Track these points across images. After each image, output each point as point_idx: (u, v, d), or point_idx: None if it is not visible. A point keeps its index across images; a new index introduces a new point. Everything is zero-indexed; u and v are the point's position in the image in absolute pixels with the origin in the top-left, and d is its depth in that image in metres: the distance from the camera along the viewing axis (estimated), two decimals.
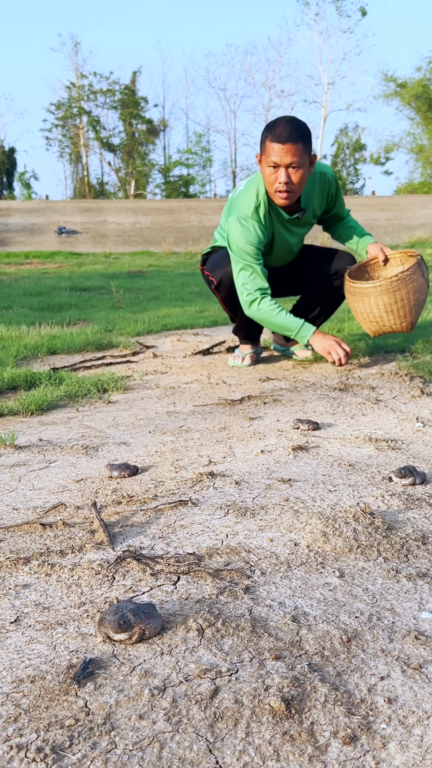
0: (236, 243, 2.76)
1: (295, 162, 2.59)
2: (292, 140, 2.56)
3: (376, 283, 2.69)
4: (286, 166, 2.60)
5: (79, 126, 42.45)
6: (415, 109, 38.99)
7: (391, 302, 2.70)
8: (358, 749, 0.73)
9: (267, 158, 2.63)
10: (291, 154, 2.57)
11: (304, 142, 2.59)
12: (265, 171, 2.66)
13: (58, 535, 1.29)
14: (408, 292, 2.70)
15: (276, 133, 2.58)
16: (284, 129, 2.57)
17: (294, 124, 2.60)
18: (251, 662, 0.87)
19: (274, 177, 2.64)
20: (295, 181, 2.63)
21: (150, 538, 1.26)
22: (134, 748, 0.73)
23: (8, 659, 0.89)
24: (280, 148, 2.58)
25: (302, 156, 2.60)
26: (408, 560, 1.15)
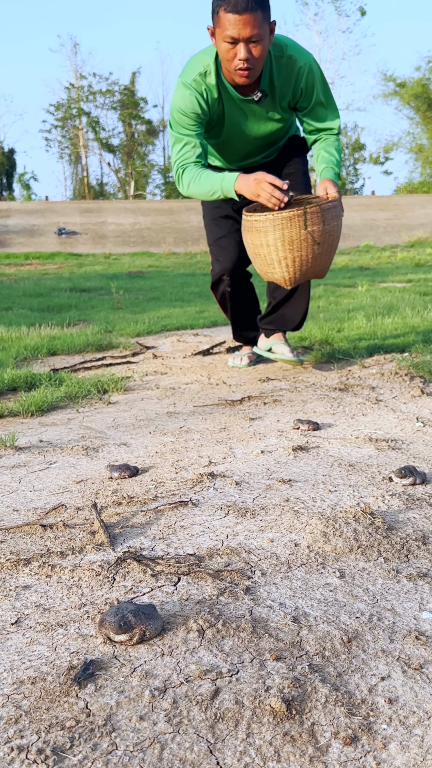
0: (174, 110, 2.46)
1: (256, 35, 2.23)
2: (250, 9, 2.19)
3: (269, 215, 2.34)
4: (246, 41, 2.24)
5: (79, 127, 42.46)
6: (414, 109, 39.00)
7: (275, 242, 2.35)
8: (359, 750, 0.73)
9: (222, 32, 2.25)
10: (251, 25, 2.21)
11: (262, 9, 2.23)
12: (221, 47, 2.29)
13: (58, 536, 1.29)
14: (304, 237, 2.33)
15: (231, 2, 2.19)
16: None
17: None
18: (252, 663, 0.87)
19: (232, 53, 2.27)
20: (256, 55, 2.28)
21: (150, 539, 1.26)
22: (135, 749, 0.73)
23: (9, 661, 0.89)
24: (237, 20, 2.20)
25: (262, 26, 2.24)
26: (408, 560, 1.15)
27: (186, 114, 2.43)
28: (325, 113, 2.60)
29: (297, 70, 2.45)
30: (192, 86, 2.41)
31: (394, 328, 3.78)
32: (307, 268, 2.43)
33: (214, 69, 2.41)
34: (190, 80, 2.42)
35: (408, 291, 6.64)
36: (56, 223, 21.51)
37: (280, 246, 2.36)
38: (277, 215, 2.33)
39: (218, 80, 2.43)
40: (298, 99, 2.53)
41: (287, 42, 2.47)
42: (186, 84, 2.43)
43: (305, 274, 2.45)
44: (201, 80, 2.42)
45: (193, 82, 2.41)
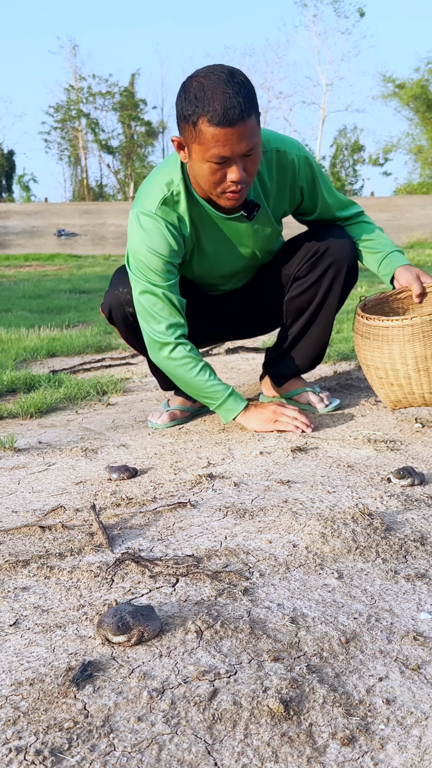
0: (135, 252, 1.83)
1: (254, 145, 1.64)
2: (244, 115, 1.58)
3: (406, 319, 1.79)
4: (241, 156, 1.64)
5: (78, 128, 42.50)
6: (413, 110, 39.04)
7: (427, 354, 1.79)
8: (357, 750, 0.73)
9: (204, 151, 1.63)
10: (247, 137, 1.61)
11: (255, 109, 1.62)
12: (202, 168, 1.67)
13: (57, 537, 1.29)
14: None
15: (217, 110, 1.56)
16: (229, 99, 1.56)
17: (236, 83, 1.58)
18: (250, 664, 0.87)
19: (220, 175, 1.67)
20: (251, 172, 1.70)
21: (149, 540, 1.26)
22: (133, 750, 0.73)
23: (7, 662, 0.89)
24: (229, 135, 1.58)
25: (257, 132, 1.65)
26: (406, 561, 1.15)
27: (156, 254, 1.80)
28: (341, 204, 2.02)
29: (291, 166, 1.87)
30: (158, 217, 1.79)
31: None
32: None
33: (183, 188, 1.80)
34: (153, 209, 1.79)
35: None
36: (56, 225, 21.52)
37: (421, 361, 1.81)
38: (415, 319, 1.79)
39: (189, 202, 1.83)
40: (299, 202, 1.96)
41: (264, 131, 1.84)
42: (149, 215, 1.80)
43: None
44: (168, 208, 1.81)
45: (159, 212, 1.79)
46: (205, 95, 1.57)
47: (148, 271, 1.81)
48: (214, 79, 1.58)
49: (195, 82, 1.59)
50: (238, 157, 1.64)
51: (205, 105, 1.57)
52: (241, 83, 1.58)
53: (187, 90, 1.61)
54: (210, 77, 1.58)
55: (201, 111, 1.58)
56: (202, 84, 1.58)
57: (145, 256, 1.81)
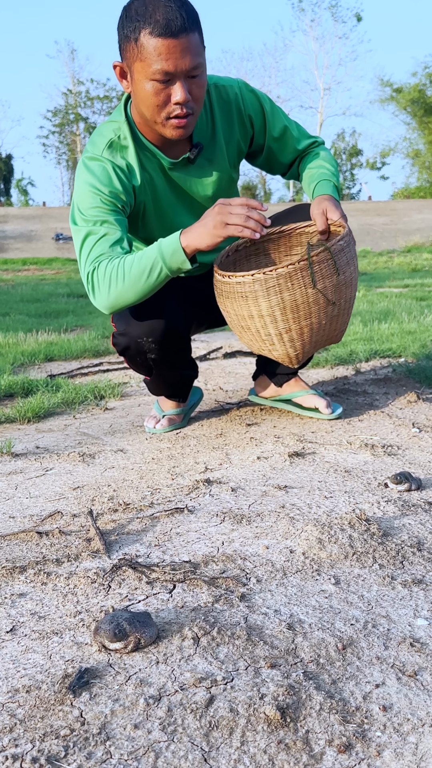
0: (79, 195, 1.69)
1: (198, 65, 1.56)
2: (188, 28, 1.52)
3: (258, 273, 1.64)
4: (185, 75, 1.56)
5: (76, 132, 42.57)
6: (411, 114, 39.18)
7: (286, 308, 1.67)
8: (353, 757, 0.73)
9: (146, 67, 1.55)
10: (191, 52, 1.53)
11: (199, 29, 1.57)
12: (145, 88, 1.58)
13: (54, 543, 1.29)
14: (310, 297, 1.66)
15: (159, 21, 1.50)
16: (171, 12, 1.50)
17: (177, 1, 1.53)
18: (246, 671, 0.87)
19: (164, 96, 1.57)
20: (197, 95, 1.61)
21: (146, 546, 1.26)
22: (129, 757, 0.73)
23: (3, 669, 0.89)
24: (172, 46, 1.51)
25: (202, 53, 1.59)
26: (403, 567, 1.15)
27: (98, 191, 1.66)
28: (297, 135, 1.90)
29: (234, 98, 1.79)
30: (104, 158, 1.70)
31: (391, 334, 3.78)
32: (320, 337, 1.77)
33: (129, 133, 1.72)
34: (99, 152, 1.71)
35: (404, 296, 6.66)
36: (54, 229, 21.54)
37: (279, 315, 1.68)
38: (270, 273, 1.64)
39: (137, 146, 1.74)
40: (251, 135, 1.85)
41: None
42: (94, 157, 1.71)
43: (317, 344, 1.79)
44: (115, 152, 1.72)
45: (106, 154, 1.71)
46: (147, 9, 1.52)
47: (88, 210, 1.65)
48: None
49: (135, 2, 1.56)
50: (183, 76, 1.56)
51: (146, 18, 1.52)
52: (186, 2, 1.55)
53: (127, 10, 1.57)
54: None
55: (142, 24, 1.52)
56: (143, 1, 1.54)
57: (88, 195, 1.66)
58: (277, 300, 1.67)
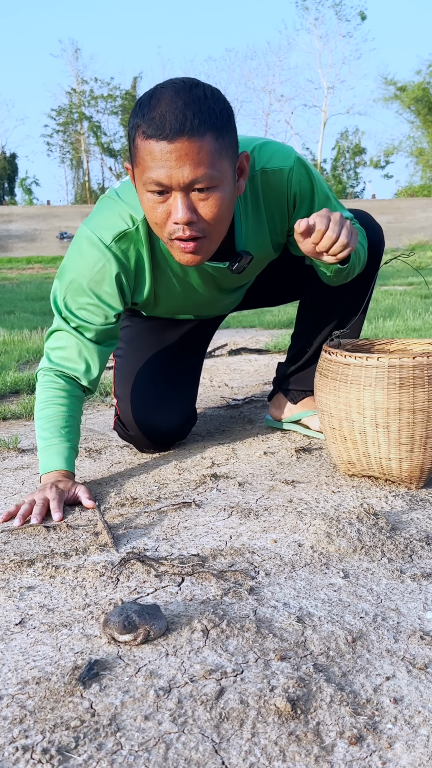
0: (70, 285, 1.47)
1: (203, 176, 1.23)
2: (191, 131, 1.20)
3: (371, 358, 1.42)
4: (185, 188, 1.24)
5: (80, 131, 42.61)
6: (414, 113, 39.11)
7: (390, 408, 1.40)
8: (365, 749, 0.72)
9: (140, 173, 1.27)
10: (192, 160, 1.21)
11: (217, 129, 1.23)
12: (143, 202, 1.30)
13: (62, 537, 1.29)
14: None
15: (154, 119, 1.21)
16: (173, 109, 1.20)
17: (193, 94, 1.22)
18: (256, 663, 0.87)
19: (163, 212, 1.28)
20: (208, 216, 1.27)
21: (154, 539, 1.26)
22: (140, 749, 0.73)
23: (13, 661, 0.89)
24: (166, 153, 1.21)
25: (216, 161, 1.23)
26: (412, 561, 1.15)
27: (91, 294, 1.46)
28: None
29: (284, 180, 1.46)
30: (110, 252, 1.43)
31: (396, 331, 3.78)
32: None
33: (145, 232, 1.44)
34: (106, 242, 1.43)
35: (409, 294, 6.65)
36: (58, 228, 21.56)
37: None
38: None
39: (154, 250, 1.47)
40: (292, 214, 1.52)
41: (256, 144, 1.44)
42: (98, 244, 1.44)
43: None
44: (126, 247, 1.44)
45: (114, 248, 1.43)
46: (149, 102, 1.22)
47: (76, 310, 1.47)
48: (168, 88, 1.23)
49: (149, 92, 1.26)
50: (182, 189, 1.23)
51: (144, 113, 1.22)
52: (200, 97, 1.21)
53: (139, 99, 1.29)
54: (166, 86, 1.24)
55: (139, 120, 1.23)
56: (152, 93, 1.24)
57: (78, 291, 1.46)
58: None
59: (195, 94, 1.22)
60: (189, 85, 1.24)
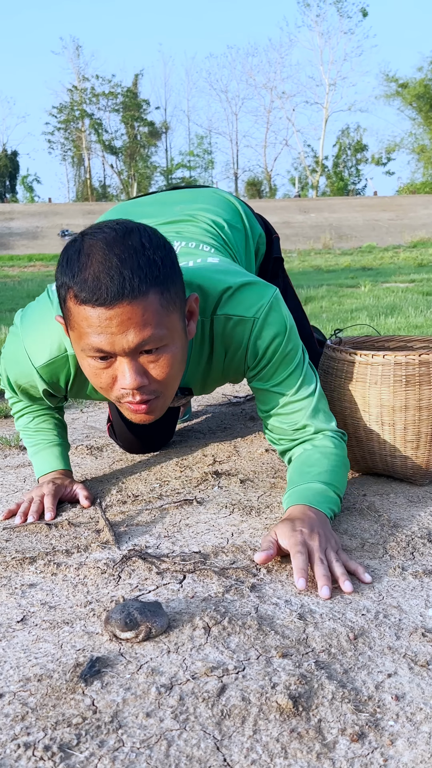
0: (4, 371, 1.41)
1: (153, 338, 1.07)
2: (132, 293, 1.03)
3: (377, 356, 1.41)
4: (131, 353, 1.08)
5: (82, 129, 42.59)
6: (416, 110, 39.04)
7: (396, 406, 1.40)
8: (366, 746, 0.72)
9: (77, 338, 1.10)
10: (136, 323, 1.05)
11: (160, 283, 1.06)
12: (83, 365, 1.14)
13: (63, 534, 1.29)
14: None
15: (86, 282, 1.03)
16: (108, 269, 1.03)
17: (129, 246, 1.05)
18: (258, 660, 0.87)
19: (108, 378, 1.12)
20: (160, 377, 1.12)
21: (155, 537, 1.26)
22: (142, 746, 0.73)
23: (15, 658, 0.89)
24: (105, 319, 1.04)
25: (164, 317, 1.08)
26: (414, 558, 1.15)
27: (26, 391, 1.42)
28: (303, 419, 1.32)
29: (245, 334, 1.26)
30: (36, 373, 1.32)
31: (397, 328, 3.77)
32: None
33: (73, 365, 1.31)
34: (37, 363, 1.30)
35: (411, 291, 6.64)
36: (59, 225, 21.56)
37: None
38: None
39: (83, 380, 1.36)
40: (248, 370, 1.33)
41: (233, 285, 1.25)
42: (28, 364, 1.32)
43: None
44: (55, 369, 1.32)
45: (42, 371, 1.32)
46: (79, 259, 1.05)
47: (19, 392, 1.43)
48: (98, 239, 1.06)
49: (75, 243, 1.09)
50: (128, 354, 1.08)
51: (74, 273, 1.05)
52: (137, 248, 1.04)
53: (64, 253, 1.10)
54: (96, 237, 1.06)
55: (69, 280, 1.06)
56: (80, 247, 1.06)
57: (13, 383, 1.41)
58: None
59: (130, 245, 1.05)
60: (122, 233, 1.06)
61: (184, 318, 1.16)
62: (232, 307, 1.25)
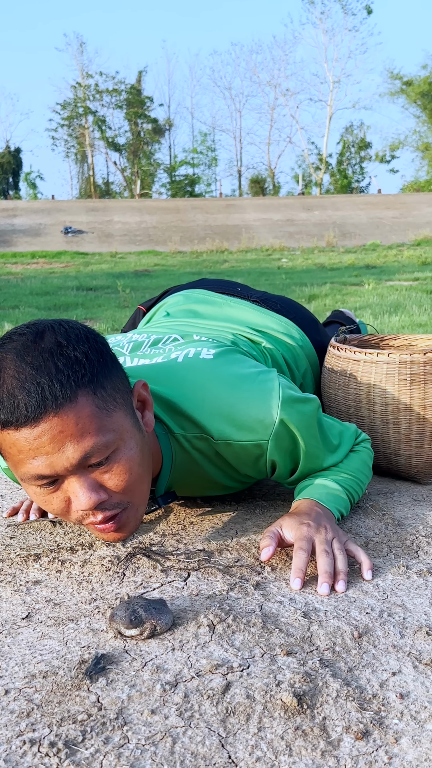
0: None
1: (95, 447, 0.93)
2: (58, 401, 0.89)
3: (382, 354, 1.42)
4: (77, 470, 0.94)
5: (85, 126, 42.57)
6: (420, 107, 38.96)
7: (400, 404, 1.41)
8: (371, 744, 0.72)
9: (15, 467, 0.95)
10: (73, 436, 0.91)
11: (89, 382, 0.92)
12: (30, 492, 1.00)
13: (67, 531, 1.29)
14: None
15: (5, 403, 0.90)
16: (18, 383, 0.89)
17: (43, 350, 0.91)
18: (263, 658, 0.87)
19: (61, 502, 0.98)
20: (120, 488, 0.98)
21: (160, 534, 1.26)
22: (147, 742, 0.73)
23: (20, 655, 0.90)
24: (32, 439, 0.90)
25: (104, 418, 0.93)
26: (418, 556, 1.15)
27: None
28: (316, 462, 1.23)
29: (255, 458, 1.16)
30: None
31: (401, 327, 3.77)
32: None
33: None
34: None
35: (415, 289, 6.63)
36: (62, 222, 21.56)
37: None
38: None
39: None
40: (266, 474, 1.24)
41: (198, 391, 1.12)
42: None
43: None
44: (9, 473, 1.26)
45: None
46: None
47: None
48: (8, 350, 0.92)
49: None
50: (72, 472, 0.94)
51: None
52: (52, 349, 0.91)
53: None
54: (4, 347, 0.93)
55: None
56: None
57: None
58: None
59: (43, 347, 0.91)
60: (32, 337, 0.92)
61: (134, 411, 1.01)
62: (230, 433, 1.11)
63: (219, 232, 19.99)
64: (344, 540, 1.11)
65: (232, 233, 19.83)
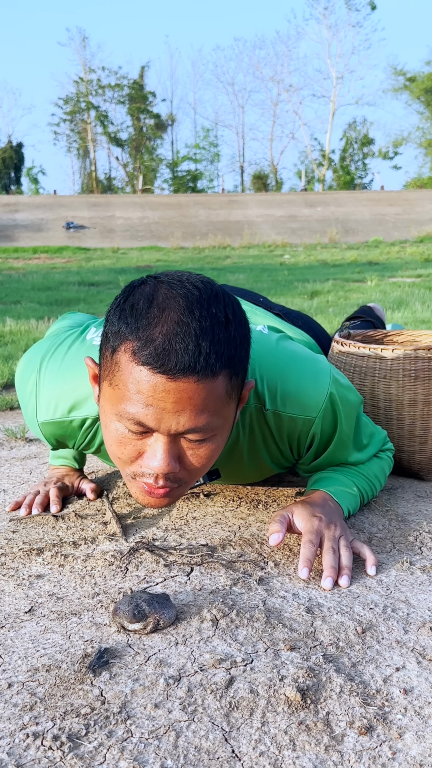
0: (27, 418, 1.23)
1: (204, 426, 0.92)
2: (201, 370, 0.87)
3: (386, 349, 1.42)
4: (172, 435, 0.92)
5: (87, 121, 42.49)
6: (424, 104, 38.86)
7: (404, 400, 1.42)
8: (375, 739, 0.72)
9: (116, 401, 0.92)
10: (193, 406, 0.89)
11: (232, 366, 0.92)
12: (110, 428, 0.96)
13: (70, 526, 1.29)
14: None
15: (155, 342, 0.87)
16: (182, 335, 0.87)
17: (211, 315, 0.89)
18: (266, 653, 0.87)
19: (133, 451, 0.95)
20: (193, 467, 0.97)
21: (163, 529, 1.26)
22: (150, 736, 0.73)
23: (23, 648, 0.90)
24: (162, 390, 0.88)
25: (224, 405, 0.94)
26: (422, 552, 1.15)
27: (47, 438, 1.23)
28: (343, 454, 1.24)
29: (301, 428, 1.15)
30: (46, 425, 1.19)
31: (404, 323, 3.77)
32: None
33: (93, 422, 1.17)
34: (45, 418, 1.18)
35: (417, 286, 6.62)
36: (64, 217, 21.55)
37: None
38: None
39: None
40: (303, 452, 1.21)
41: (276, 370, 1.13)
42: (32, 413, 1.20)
43: None
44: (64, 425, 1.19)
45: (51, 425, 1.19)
46: (148, 313, 0.89)
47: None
48: (177, 295, 0.89)
49: (146, 287, 0.92)
50: (168, 434, 0.92)
51: (139, 326, 0.88)
52: (220, 320, 0.89)
53: (126, 297, 0.93)
54: (175, 289, 0.90)
55: (129, 333, 0.89)
56: (152, 296, 0.90)
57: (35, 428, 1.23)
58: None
59: (214, 313, 0.89)
60: (206, 298, 0.90)
61: (238, 405, 1.01)
62: (283, 404, 1.12)
63: (221, 228, 19.97)
64: (351, 539, 1.12)
65: (234, 229, 19.81)
